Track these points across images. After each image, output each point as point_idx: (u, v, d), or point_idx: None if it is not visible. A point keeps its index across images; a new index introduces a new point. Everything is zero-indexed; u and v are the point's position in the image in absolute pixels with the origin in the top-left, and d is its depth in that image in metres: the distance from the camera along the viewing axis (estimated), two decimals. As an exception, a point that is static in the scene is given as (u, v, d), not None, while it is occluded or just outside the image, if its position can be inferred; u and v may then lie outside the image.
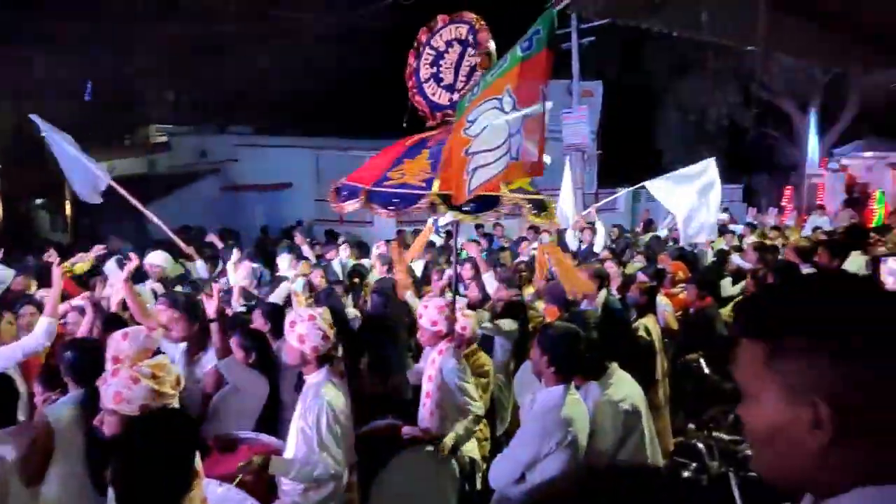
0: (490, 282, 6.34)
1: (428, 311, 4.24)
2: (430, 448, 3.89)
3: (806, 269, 6.24)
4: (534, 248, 9.89)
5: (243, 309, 5.86)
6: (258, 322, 4.76)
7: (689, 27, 3.19)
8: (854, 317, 0.98)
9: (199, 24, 18.42)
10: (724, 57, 21.53)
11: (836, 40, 4.08)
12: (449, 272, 6.27)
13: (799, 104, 23.87)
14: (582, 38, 19.19)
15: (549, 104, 2.64)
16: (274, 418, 3.93)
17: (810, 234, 11.36)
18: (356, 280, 7.33)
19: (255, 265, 7.61)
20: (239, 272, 7.03)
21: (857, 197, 16.40)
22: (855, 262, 6.84)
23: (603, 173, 22.06)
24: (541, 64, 2.62)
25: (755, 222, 13.88)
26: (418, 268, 8.28)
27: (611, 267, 8.13)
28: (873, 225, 13.22)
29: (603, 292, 5.82)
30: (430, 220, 7.57)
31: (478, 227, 11.74)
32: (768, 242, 9.60)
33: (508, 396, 5.17)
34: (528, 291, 6.80)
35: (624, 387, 3.61)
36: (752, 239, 10.65)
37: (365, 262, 8.57)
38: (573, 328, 3.35)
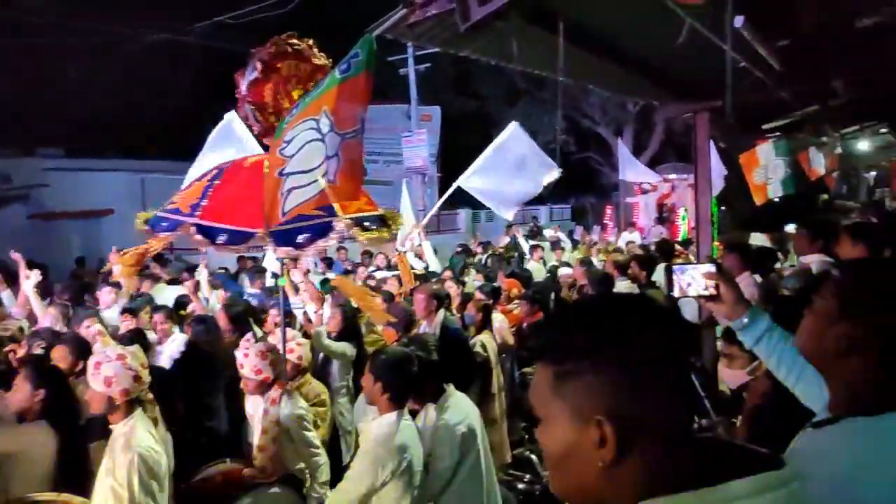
0: (325, 308, 6.19)
1: (249, 360, 3.91)
2: (276, 490, 3.66)
3: (621, 281, 6.82)
4: (374, 270, 9.86)
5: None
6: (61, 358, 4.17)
7: (502, 57, 3.34)
8: (627, 336, 1.02)
9: (-1, 35, 16.44)
10: (551, 85, 23.14)
11: (632, 76, 4.50)
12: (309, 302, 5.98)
13: (614, 131, 26.28)
14: (419, 64, 19.72)
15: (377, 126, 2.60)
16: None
17: (624, 247, 12.43)
18: (181, 311, 6.79)
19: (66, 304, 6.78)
20: (45, 318, 6.18)
21: (665, 215, 18.26)
22: (660, 273, 7.60)
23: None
24: (359, 87, 2.60)
25: (579, 239, 15.06)
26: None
27: (451, 287, 8.35)
28: (679, 239, 14.72)
29: (441, 312, 5.91)
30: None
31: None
32: (593, 258, 10.38)
33: (352, 421, 5.03)
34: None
35: (461, 409, 3.63)
36: (577, 255, 11.46)
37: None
38: (405, 352, 3.33)
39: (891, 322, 1.34)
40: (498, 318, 6.50)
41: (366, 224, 3.96)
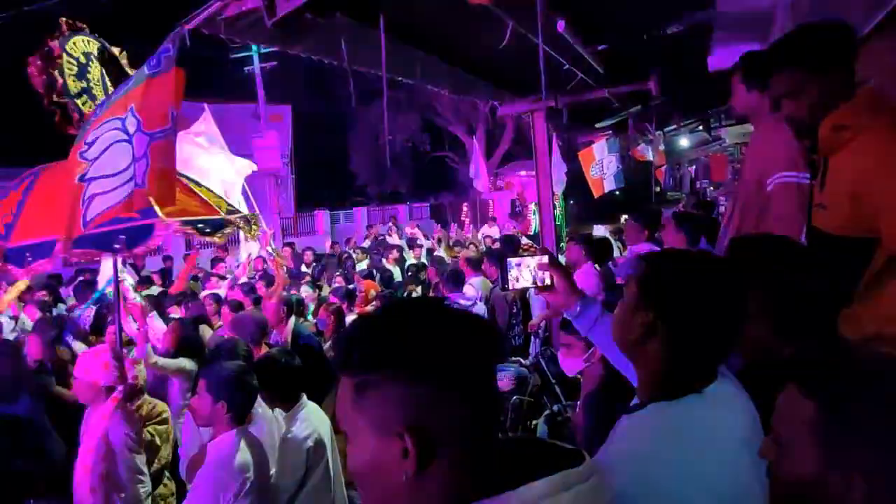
0: (154, 325, 5.75)
1: (85, 361, 3.66)
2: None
3: (474, 277, 6.98)
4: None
5: None
6: None
7: (334, 56, 3.25)
8: (423, 343, 0.99)
9: None
10: (406, 85, 23.31)
11: (469, 76, 4.58)
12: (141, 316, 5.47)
13: (468, 130, 27.03)
14: (266, 62, 19.03)
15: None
16: None
17: (482, 240, 12.83)
18: None
19: None
20: None
21: (519, 210, 19.07)
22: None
23: (301, 197, 22.10)
24: (170, 84, 2.40)
25: (437, 237, 15.33)
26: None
27: (306, 292, 8.10)
28: (531, 233, 15.44)
29: (292, 320, 5.70)
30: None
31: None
32: (450, 254, 10.56)
33: (199, 441, 4.70)
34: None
35: (310, 421, 3.51)
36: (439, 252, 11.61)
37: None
38: (240, 366, 3.15)
39: (679, 309, 1.42)
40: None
41: (200, 227, 3.71)
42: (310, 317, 7.22)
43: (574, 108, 6.39)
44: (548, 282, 2.01)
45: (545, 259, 2.05)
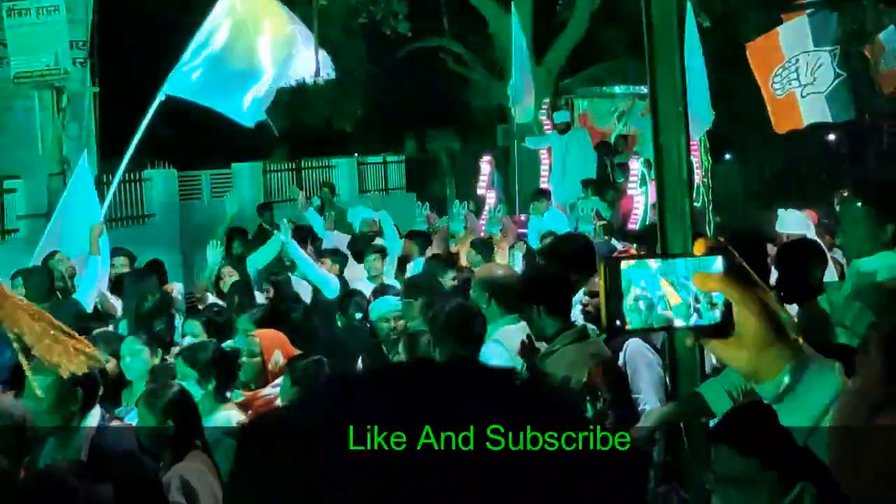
0: None
1: None
2: None
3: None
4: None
5: None
6: None
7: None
8: None
9: None
10: None
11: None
12: None
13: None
14: None
15: None
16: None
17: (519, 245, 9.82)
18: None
19: None
20: None
21: (609, 173, 15.45)
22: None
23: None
24: None
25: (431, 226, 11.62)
26: None
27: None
28: (636, 226, 11.70)
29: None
30: None
31: None
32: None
33: None
34: None
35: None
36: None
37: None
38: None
39: None
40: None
41: None
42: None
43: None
44: (716, 315, 0.88)
45: (717, 263, 0.89)
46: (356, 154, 16.64)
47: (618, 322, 0.88)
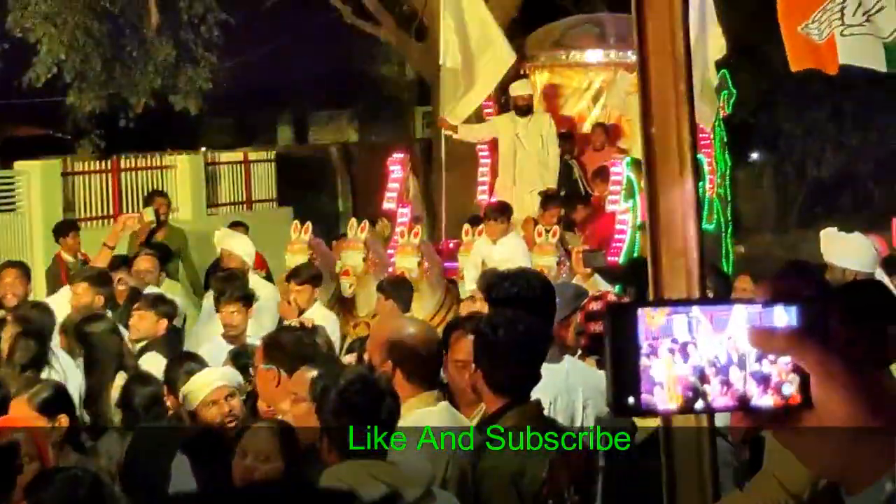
0: None
1: None
2: None
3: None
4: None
5: None
6: None
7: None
8: None
9: None
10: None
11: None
12: None
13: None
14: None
15: None
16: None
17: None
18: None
19: None
20: None
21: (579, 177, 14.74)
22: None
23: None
24: None
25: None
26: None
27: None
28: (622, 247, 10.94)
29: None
30: None
31: None
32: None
33: None
34: None
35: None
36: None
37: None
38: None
39: None
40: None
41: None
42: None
43: None
44: (793, 393, 0.64)
45: (785, 313, 0.63)
46: (204, 149, 11.68)
47: (630, 399, 0.62)
